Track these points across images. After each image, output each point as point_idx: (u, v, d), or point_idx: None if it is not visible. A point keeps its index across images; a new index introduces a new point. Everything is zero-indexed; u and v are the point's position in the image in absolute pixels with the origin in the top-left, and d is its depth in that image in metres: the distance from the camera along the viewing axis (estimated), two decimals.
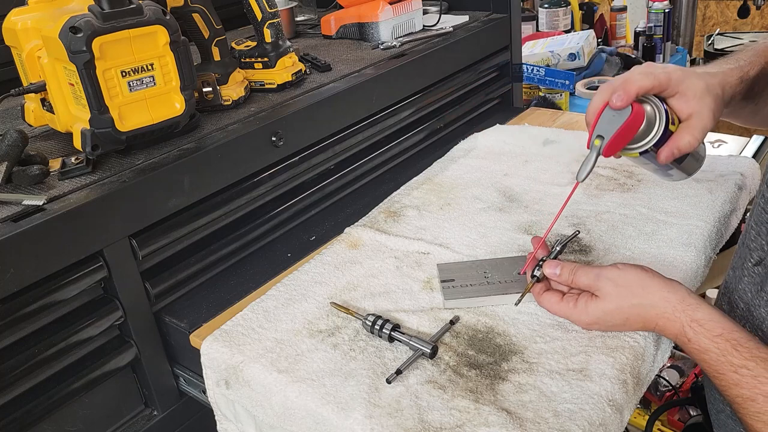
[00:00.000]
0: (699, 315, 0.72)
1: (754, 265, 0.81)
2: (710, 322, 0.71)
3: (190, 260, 1.00)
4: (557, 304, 0.82)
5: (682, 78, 0.80)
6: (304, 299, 0.92)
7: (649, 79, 0.79)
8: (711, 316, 0.72)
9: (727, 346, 0.70)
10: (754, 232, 0.82)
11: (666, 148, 0.80)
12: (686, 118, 0.81)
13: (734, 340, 0.70)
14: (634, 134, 0.79)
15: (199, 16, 1.09)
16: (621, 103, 0.77)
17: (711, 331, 0.71)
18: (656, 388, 1.78)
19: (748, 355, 0.68)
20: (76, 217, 0.82)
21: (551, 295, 0.83)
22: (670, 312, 0.74)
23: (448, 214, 1.11)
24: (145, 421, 0.97)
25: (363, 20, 1.44)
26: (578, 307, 0.80)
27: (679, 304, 0.74)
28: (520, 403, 0.72)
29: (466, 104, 1.52)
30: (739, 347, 0.69)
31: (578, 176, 0.80)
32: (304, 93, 1.17)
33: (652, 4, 2.68)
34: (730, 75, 0.84)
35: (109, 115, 0.89)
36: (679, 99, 0.81)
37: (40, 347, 0.83)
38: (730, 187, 1.08)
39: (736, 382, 0.68)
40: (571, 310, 0.81)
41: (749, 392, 0.67)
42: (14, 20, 0.99)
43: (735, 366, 0.69)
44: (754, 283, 0.80)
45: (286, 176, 1.11)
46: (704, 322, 0.72)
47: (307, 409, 0.75)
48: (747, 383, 0.67)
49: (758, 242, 0.81)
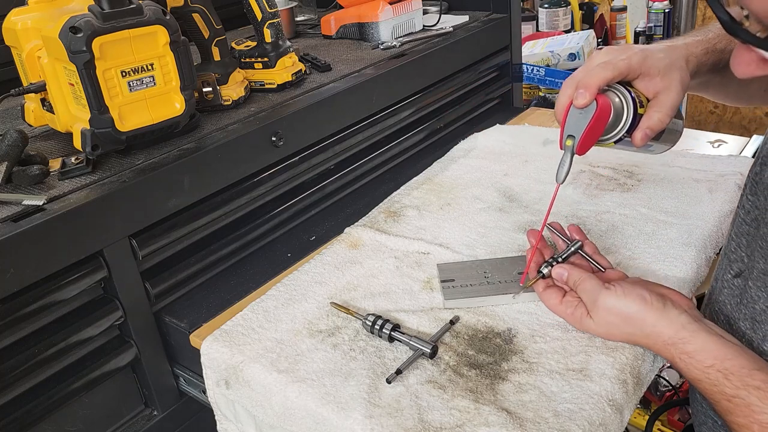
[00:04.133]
0: (690, 348, 0.72)
1: (734, 277, 0.80)
2: (702, 352, 0.71)
3: (190, 260, 1.00)
4: (557, 306, 0.83)
5: (643, 59, 0.79)
6: (304, 299, 0.92)
7: (608, 70, 0.78)
8: (704, 346, 0.71)
9: (718, 376, 0.69)
10: (734, 243, 0.81)
11: (638, 131, 0.79)
12: (653, 96, 0.80)
13: (725, 369, 0.69)
14: (603, 128, 0.78)
15: (199, 16, 1.09)
16: (584, 101, 0.76)
17: (702, 362, 0.70)
18: (656, 388, 1.78)
19: (740, 383, 0.67)
20: (76, 217, 0.82)
21: (553, 292, 0.84)
22: (660, 345, 0.74)
23: (448, 214, 1.11)
24: (145, 421, 0.97)
25: (363, 20, 1.44)
26: (575, 316, 0.81)
27: (670, 339, 0.73)
28: (520, 403, 0.72)
29: (466, 104, 1.52)
30: (731, 376, 0.68)
31: (557, 178, 0.80)
32: (304, 93, 1.17)
33: (652, 4, 2.68)
34: (694, 46, 0.83)
35: (109, 115, 0.89)
36: (643, 80, 0.80)
37: (40, 347, 0.83)
38: (730, 187, 1.08)
39: (730, 410, 0.68)
40: (570, 316, 0.82)
41: (744, 420, 0.67)
42: (14, 20, 0.99)
43: (728, 395, 0.68)
44: (734, 296, 0.79)
45: (286, 176, 1.11)
46: (695, 354, 0.71)
47: (307, 409, 0.75)
48: (740, 411, 0.67)
49: (738, 254, 0.80)
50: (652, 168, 1.17)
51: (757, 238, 0.75)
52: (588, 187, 1.14)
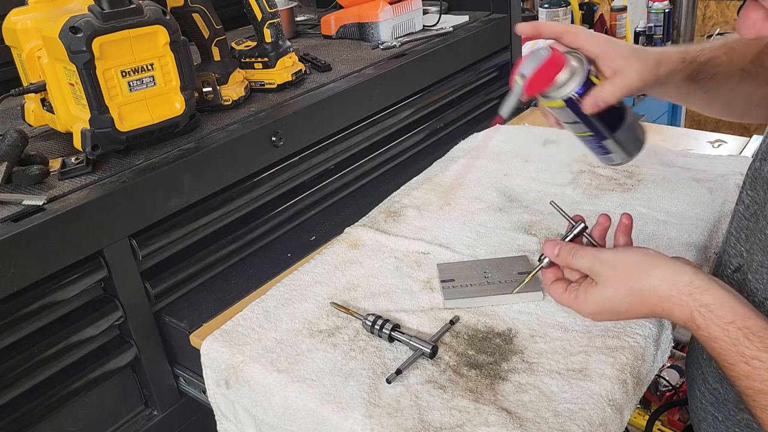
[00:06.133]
0: (708, 299, 0.67)
1: (733, 272, 0.79)
2: (721, 307, 0.66)
3: (190, 260, 1.00)
4: (561, 294, 0.79)
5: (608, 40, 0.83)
6: (304, 299, 0.92)
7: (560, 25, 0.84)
8: (722, 301, 0.67)
9: (738, 335, 0.65)
10: (734, 239, 0.80)
11: (589, 96, 0.81)
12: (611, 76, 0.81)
13: (746, 328, 0.65)
14: (554, 75, 0.81)
15: (199, 16, 1.09)
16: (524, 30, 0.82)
17: (722, 318, 0.66)
18: (656, 388, 1.78)
19: (761, 345, 0.64)
20: (76, 217, 0.82)
21: (558, 284, 0.80)
22: (676, 295, 0.69)
23: (448, 214, 1.11)
24: (145, 421, 0.97)
25: (363, 20, 1.44)
26: (579, 297, 0.76)
27: (686, 287, 0.68)
28: (520, 403, 0.72)
29: (466, 104, 1.52)
30: (751, 336, 0.64)
31: (500, 111, 0.82)
32: (304, 93, 1.17)
33: (652, 4, 2.68)
34: (670, 53, 0.85)
35: (109, 115, 0.89)
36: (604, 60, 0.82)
37: (40, 347, 0.83)
38: (730, 187, 1.08)
39: (747, 373, 0.64)
40: (574, 300, 0.77)
41: (761, 384, 0.63)
42: (14, 20, 0.99)
43: (746, 357, 0.64)
44: None
45: (286, 176, 1.11)
46: (714, 308, 0.66)
47: (307, 409, 0.75)
48: (759, 375, 0.63)
49: (737, 249, 0.79)
50: (652, 168, 1.18)
51: (756, 232, 0.75)
52: (588, 187, 1.14)
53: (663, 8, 2.66)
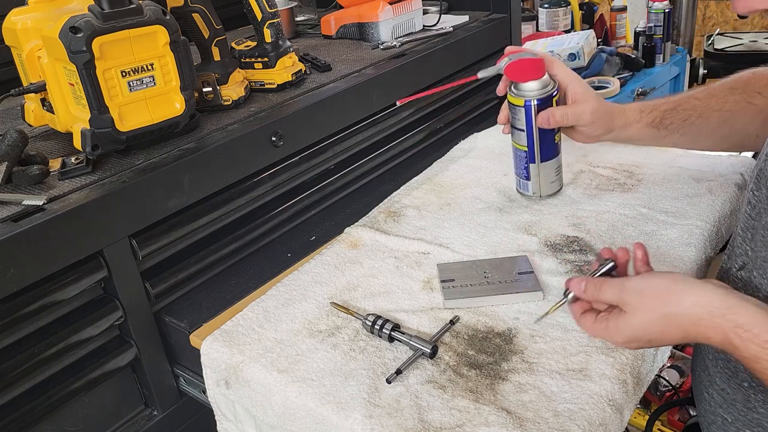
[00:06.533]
0: (742, 319, 0.65)
1: (738, 270, 0.80)
2: (757, 325, 0.64)
3: (190, 260, 1.00)
4: (592, 326, 0.77)
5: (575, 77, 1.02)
6: (304, 299, 0.92)
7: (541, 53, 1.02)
8: (756, 319, 0.65)
9: None
10: (740, 238, 0.81)
11: (544, 111, 1.00)
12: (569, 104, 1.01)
13: None
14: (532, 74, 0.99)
15: (199, 16, 1.09)
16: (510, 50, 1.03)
17: (759, 336, 0.64)
18: (656, 388, 1.78)
19: None
20: (76, 217, 0.82)
21: (588, 316, 0.78)
22: (708, 318, 0.67)
23: (448, 214, 1.11)
24: (145, 421, 0.97)
25: (363, 20, 1.44)
26: (610, 327, 0.74)
27: (718, 309, 0.66)
28: (520, 403, 0.72)
29: (466, 104, 1.52)
30: None
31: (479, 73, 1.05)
32: (304, 93, 1.17)
33: (652, 4, 2.67)
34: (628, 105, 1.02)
35: (109, 115, 0.89)
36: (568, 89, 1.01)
37: (40, 347, 0.83)
38: (730, 187, 1.08)
39: None
40: (605, 331, 0.75)
41: None
42: (14, 20, 0.99)
43: None
44: (738, 288, 0.77)
45: (286, 176, 1.11)
46: (750, 327, 0.64)
47: (307, 409, 0.75)
48: None
49: (743, 248, 0.80)
50: (652, 168, 1.18)
51: (759, 228, 0.76)
52: (588, 187, 1.14)
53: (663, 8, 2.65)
